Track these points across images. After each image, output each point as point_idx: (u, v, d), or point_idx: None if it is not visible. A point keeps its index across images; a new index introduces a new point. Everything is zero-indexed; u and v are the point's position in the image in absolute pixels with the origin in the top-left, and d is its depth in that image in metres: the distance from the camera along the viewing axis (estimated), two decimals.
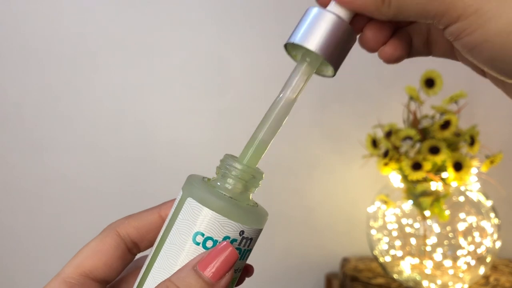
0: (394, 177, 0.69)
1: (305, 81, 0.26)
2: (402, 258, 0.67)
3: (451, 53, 0.26)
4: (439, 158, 0.62)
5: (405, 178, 0.66)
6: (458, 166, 0.63)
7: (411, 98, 0.67)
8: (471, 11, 0.20)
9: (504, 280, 0.71)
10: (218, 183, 0.25)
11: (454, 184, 0.65)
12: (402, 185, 0.68)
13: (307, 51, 0.25)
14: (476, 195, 0.67)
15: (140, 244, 0.27)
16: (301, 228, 0.84)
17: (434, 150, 0.63)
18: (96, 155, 0.81)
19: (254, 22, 0.81)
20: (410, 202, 0.67)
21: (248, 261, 0.29)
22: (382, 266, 0.70)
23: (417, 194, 0.66)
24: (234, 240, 0.24)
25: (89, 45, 0.80)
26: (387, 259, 0.69)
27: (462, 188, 0.66)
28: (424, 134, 0.66)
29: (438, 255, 0.65)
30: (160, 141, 0.82)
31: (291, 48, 0.26)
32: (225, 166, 0.25)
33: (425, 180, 0.65)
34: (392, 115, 0.73)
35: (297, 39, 0.24)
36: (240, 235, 0.24)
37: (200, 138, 0.82)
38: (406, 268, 0.67)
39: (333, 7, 0.25)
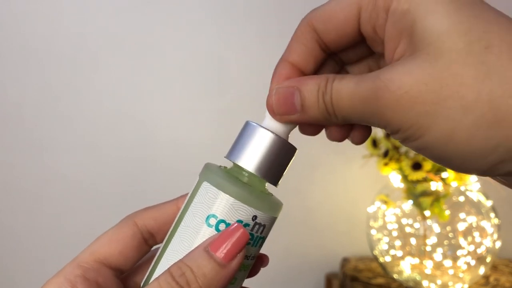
0: (394, 177, 0.69)
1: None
2: (402, 258, 0.67)
3: None
4: None
5: (405, 178, 0.66)
6: None
7: None
8: (406, 127, 0.21)
9: (504, 280, 0.71)
10: (235, 170, 0.26)
11: (454, 184, 0.65)
12: (402, 185, 0.68)
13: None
14: (476, 195, 0.67)
15: (157, 235, 0.28)
16: (301, 228, 0.84)
17: None
18: (96, 155, 0.81)
19: (254, 22, 0.81)
20: (410, 202, 0.67)
21: None
22: (382, 266, 0.70)
23: (417, 194, 0.66)
24: (246, 225, 0.24)
25: (89, 45, 0.80)
26: (387, 259, 0.69)
27: (462, 188, 0.66)
28: None
29: (438, 255, 0.65)
30: (160, 141, 0.82)
31: None
32: None
33: (425, 180, 0.65)
34: None
35: (239, 160, 0.25)
36: (253, 220, 0.24)
37: (200, 138, 0.82)
38: (406, 268, 0.67)
39: (271, 120, 0.25)
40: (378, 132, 0.70)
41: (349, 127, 0.26)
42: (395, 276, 0.69)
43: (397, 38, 0.22)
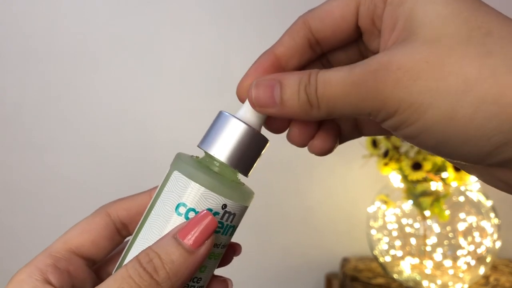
0: (394, 177, 0.69)
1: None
2: (402, 258, 0.67)
3: (383, 130, 0.26)
4: (439, 158, 0.62)
5: (405, 178, 0.66)
6: None
7: None
8: (406, 106, 0.20)
9: (504, 280, 0.71)
10: (206, 160, 0.26)
11: (454, 184, 0.65)
12: (402, 185, 0.68)
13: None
14: (476, 195, 0.67)
15: (130, 225, 0.28)
16: (301, 228, 0.84)
17: None
18: (96, 155, 0.81)
19: (254, 22, 0.81)
20: (410, 202, 0.67)
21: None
22: (382, 266, 0.70)
23: (417, 194, 0.66)
24: (216, 213, 0.24)
25: (89, 45, 0.80)
26: (387, 259, 0.69)
27: (462, 188, 0.66)
28: None
29: (438, 255, 0.65)
30: (160, 141, 0.82)
31: None
32: None
33: (425, 180, 0.65)
34: None
35: (210, 148, 0.25)
36: (222, 208, 0.24)
37: (200, 138, 0.82)
38: (406, 268, 0.67)
39: (245, 111, 0.25)
40: None
41: (312, 133, 0.26)
42: (395, 276, 0.69)
43: (393, 26, 0.22)
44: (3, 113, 0.80)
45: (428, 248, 0.65)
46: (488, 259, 0.65)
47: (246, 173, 0.26)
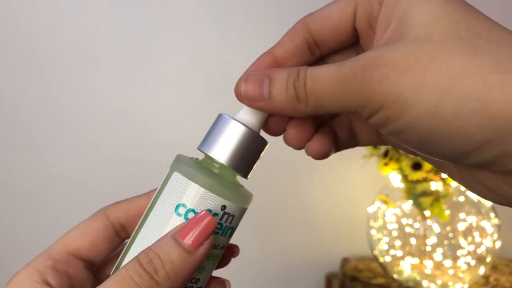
0: (394, 177, 0.69)
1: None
2: (402, 258, 0.67)
3: (378, 139, 0.27)
4: None
5: (405, 178, 0.66)
6: None
7: None
8: (391, 101, 0.20)
9: (504, 280, 0.71)
10: (206, 162, 0.26)
11: (454, 184, 0.65)
12: (402, 185, 0.68)
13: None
14: (476, 195, 0.67)
15: (129, 228, 0.28)
16: (301, 228, 0.84)
17: None
18: (96, 155, 0.81)
19: (254, 22, 0.81)
20: (410, 202, 0.67)
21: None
22: (382, 266, 0.70)
23: (417, 194, 0.66)
24: (215, 214, 0.24)
25: (89, 45, 0.80)
26: (387, 259, 0.69)
27: (462, 188, 0.66)
28: None
29: (438, 255, 0.65)
30: (160, 141, 0.82)
31: None
32: None
33: (425, 180, 0.65)
34: None
35: (210, 150, 0.25)
36: (221, 209, 0.24)
37: (200, 138, 0.81)
38: (406, 268, 0.67)
39: (244, 114, 0.26)
40: None
41: (309, 135, 0.26)
42: (395, 276, 0.69)
43: (387, 26, 0.22)
44: (3, 113, 0.80)
45: (428, 248, 0.65)
46: (488, 259, 0.65)
47: (245, 175, 0.26)
